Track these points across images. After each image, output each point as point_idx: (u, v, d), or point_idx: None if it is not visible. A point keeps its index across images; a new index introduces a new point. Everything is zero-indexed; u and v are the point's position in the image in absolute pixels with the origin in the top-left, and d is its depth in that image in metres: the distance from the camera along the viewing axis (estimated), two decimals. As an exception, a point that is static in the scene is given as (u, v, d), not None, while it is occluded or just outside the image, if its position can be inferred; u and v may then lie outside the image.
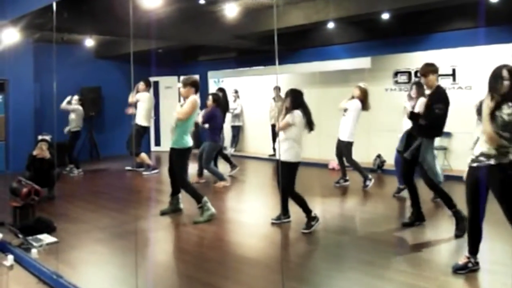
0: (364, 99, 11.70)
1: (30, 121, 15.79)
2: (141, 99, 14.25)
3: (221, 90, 14.11)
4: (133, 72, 7.77)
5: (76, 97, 15.02)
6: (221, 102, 13.07)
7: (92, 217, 9.71)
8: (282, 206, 8.90)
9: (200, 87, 9.74)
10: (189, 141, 9.33)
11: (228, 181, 12.67)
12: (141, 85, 14.43)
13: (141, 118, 14.25)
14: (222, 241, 8.19)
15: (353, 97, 11.72)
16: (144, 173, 14.36)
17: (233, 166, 14.05)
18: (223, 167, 13.70)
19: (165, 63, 19.33)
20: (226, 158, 14.10)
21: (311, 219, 8.37)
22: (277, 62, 5.84)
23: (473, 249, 6.23)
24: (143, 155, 14.58)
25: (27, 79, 15.86)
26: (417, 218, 8.52)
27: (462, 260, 6.25)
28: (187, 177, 9.57)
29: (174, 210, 9.79)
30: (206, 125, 12.24)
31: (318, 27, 14.49)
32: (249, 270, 6.79)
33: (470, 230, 6.24)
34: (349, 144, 11.68)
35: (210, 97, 12.63)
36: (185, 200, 9.98)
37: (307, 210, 8.40)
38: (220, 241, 8.20)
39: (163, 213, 9.68)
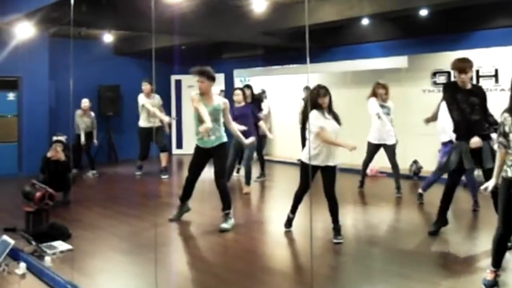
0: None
1: (44, 121, 15.85)
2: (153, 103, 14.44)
3: (248, 87, 14.10)
4: (154, 70, 7.79)
5: (86, 100, 15.03)
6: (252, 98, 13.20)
7: (109, 224, 9.74)
8: (292, 209, 8.91)
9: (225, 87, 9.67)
10: (225, 135, 9.38)
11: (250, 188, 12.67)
12: (149, 85, 14.46)
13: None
14: (247, 251, 8.18)
15: (373, 95, 11.74)
16: (163, 177, 14.44)
17: (263, 174, 14.14)
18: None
19: (188, 60, 19.22)
20: (262, 160, 14.15)
21: (339, 229, 8.36)
22: (308, 60, 5.83)
23: (498, 263, 6.20)
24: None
25: (41, 77, 15.91)
26: (442, 223, 8.53)
27: (490, 276, 6.19)
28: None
29: (182, 214, 9.82)
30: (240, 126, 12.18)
31: (352, 23, 14.47)
32: (276, 282, 6.77)
33: (498, 245, 6.14)
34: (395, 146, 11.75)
35: (240, 92, 12.59)
36: (207, 207, 10.01)
37: (337, 219, 8.38)
38: (244, 250, 8.19)
39: (171, 220, 9.70)
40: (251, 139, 11.01)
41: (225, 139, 9.30)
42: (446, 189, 8.53)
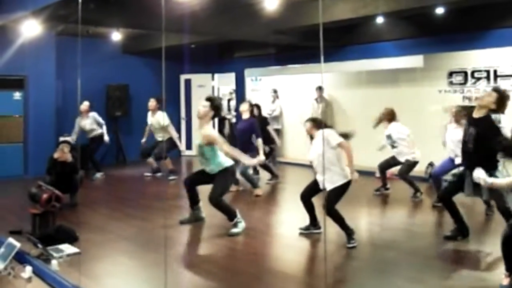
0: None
1: (51, 121, 15.89)
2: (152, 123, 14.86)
3: (257, 106, 14.22)
4: (164, 69, 7.78)
5: (87, 103, 15.07)
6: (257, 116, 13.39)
7: (117, 226, 9.76)
8: (310, 218, 8.96)
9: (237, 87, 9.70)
10: (227, 160, 9.43)
11: (262, 190, 12.70)
12: (154, 102, 14.76)
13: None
14: (257, 255, 8.19)
15: (380, 121, 11.80)
16: (171, 177, 14.52)
17: (275, 176, 14.20)
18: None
19: (198, 59, 19.35)
20: (266, 167, 14.16)
21: (352, 234, 8.32)
22: (322, 60, 5.80)
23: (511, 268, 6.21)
24: (168, 160, 14.85)
25: (48, 76, 15.95)
26: (461, 233, 8.49)
27: (505, 280, 6.19)
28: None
29: (195, 219, 9.83)
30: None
31: (366, 21, 14.43)
32: (288, 286, 6.77)
33: (506, 247, 6.15)
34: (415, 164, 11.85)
35: (246, 106, 12.68)
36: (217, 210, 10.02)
37: (345, 227, 8.35)
38: (255, 254, 8.20)
39: (182, 222, 9.74)
40: (256, 160, 10.98)
41: (226, 164, 9.35)
42: (443, 202, 8.58)
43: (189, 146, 19.76)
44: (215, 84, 20.44)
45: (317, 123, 8.82)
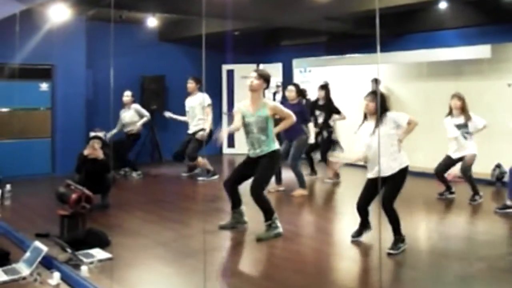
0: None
1: (81, 115, 16.03)
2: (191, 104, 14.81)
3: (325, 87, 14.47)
4: (204, 58, 7.79)
5: (129, 93, 15.26)
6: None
7: (153, 230, 9.82)
8: (361, 223, 8.90)
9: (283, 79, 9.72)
10: (276, 143, 9.49)
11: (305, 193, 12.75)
12: (192, 83, 14.70)
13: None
14: (308, 264, 8.17)
15: (449, 112, 11.66)
16: (200, 178, 14.63)
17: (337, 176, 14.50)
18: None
19: (241, 48, 19.32)
20: (311, 163, 14.33)
21: (400, 240, 8.27)
22: (378, 49, 5.82)
23: None
24: (201, 159, 14.77)
25: (78, 65, 16.08)
26: None
27: None
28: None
29: (236, 224, 9.78)
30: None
31: (427, 7, 14.37)
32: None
33: None
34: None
35: (293, 88, 12.77)
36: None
37: (399, 231, 8.30)
38: (305, 263, 8.19)
39: (222, 227, 9.69)
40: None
41: (274, 147, 9.34)
42: None
43: (231, 144, 19.78)
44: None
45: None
